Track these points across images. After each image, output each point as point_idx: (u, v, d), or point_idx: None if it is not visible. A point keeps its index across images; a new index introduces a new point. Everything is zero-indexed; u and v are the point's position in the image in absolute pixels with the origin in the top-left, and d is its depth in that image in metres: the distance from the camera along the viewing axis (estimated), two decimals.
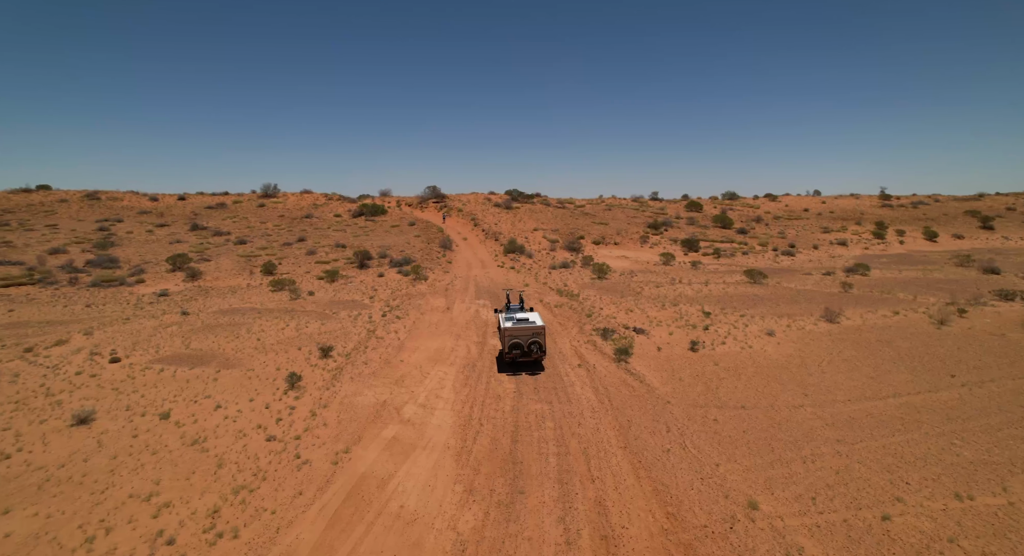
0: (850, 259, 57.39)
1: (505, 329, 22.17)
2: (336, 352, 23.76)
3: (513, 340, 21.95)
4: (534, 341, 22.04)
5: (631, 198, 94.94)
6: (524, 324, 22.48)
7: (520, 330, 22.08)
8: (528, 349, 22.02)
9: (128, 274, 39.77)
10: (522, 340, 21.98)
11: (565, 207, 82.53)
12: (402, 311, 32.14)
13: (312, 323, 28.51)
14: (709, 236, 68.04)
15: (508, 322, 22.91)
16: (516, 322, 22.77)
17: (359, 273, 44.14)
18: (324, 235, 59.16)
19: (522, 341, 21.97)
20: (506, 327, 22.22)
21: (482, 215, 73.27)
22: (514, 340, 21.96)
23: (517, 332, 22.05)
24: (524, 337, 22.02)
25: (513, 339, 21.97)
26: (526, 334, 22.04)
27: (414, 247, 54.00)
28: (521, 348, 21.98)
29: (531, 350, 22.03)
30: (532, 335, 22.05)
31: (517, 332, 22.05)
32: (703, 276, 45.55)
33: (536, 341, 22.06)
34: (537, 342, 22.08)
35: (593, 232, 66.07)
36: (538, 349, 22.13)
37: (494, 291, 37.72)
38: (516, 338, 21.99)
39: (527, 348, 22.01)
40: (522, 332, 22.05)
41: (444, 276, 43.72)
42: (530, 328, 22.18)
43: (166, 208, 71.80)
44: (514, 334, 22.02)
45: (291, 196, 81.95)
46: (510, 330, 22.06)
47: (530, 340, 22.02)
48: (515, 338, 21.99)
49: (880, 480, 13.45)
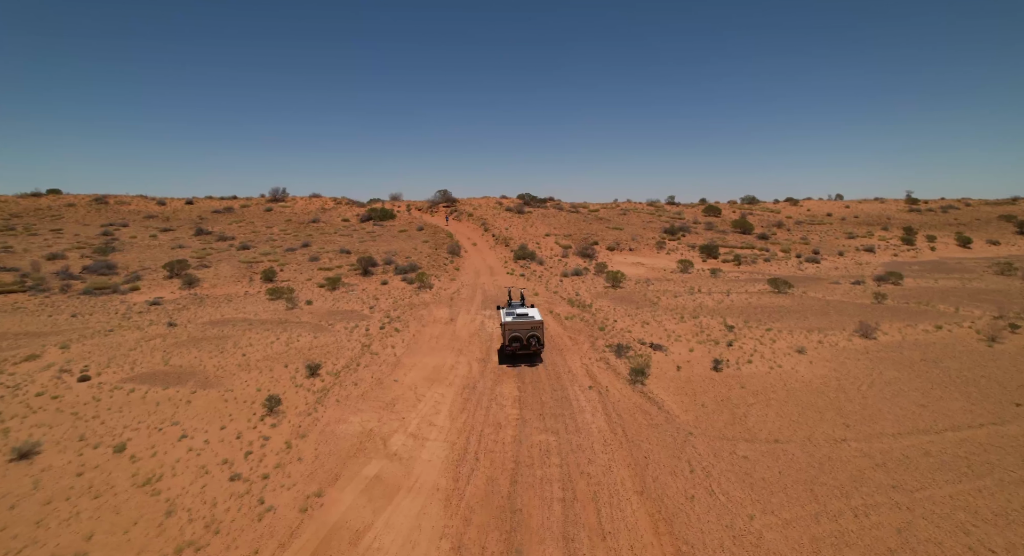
0: (879, 266, 54.38)
1: (505, 323, 23.47)
2: (325, 370, 21.86)
3: (513, 334, 23.25)
4: (532, 335, 23.34)
5: (647, 202, 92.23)
6: (523, 319, 23.67)
7: (519, 324, 23.35)
8: (527, 342, 23.34)
9: (123, 281, 38.43)
10: (521, 334, 23.28)
11: (578, 211, 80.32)
12: (402, 323, 30.22)
13: (304, 336, 26.69)
14: (728, 242, 65.32)
15: (508, 317, 24.16)
16: (516, 317, 24.02)
17: (362, 280, 42.39)
18: (330, 240, 57.64)
19: (521, 335, 23.28)
20: (506, 321, 23.55)
21: (493, 220, 71.36)
22: (514, 334, 23.26)
23: (517, 326, 23.33)
24: (523, 331, 23.31)
25: (513, 333, 23.26)
26: (525, 328, 23.34)
27: (421, 253, 52.18)
28: (520, 341, 23.30)
29: (530, 343, 23.37)
30: (531, 329, 23.37)
31: (517, 326, 23.33)
32: (724, 285, 43.04)
33: (534, 335, 23.37)
34: (535, 335, 23.38)
35: (607, 238, 63.76)
36: (536, 342, 23.40)
37: (502, 300, 35.67)
38: (516, 332, 23.28)
39: (526, 341, 23.32)
40: (521, 326, 23.33)
41: (450, 284, 41.79)
42: (529, 323, 23.42)
43: (172, 212, 70.97)
44: (514, 328, 23.31)
45: (300, 200, 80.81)
46: (510, 324, 23.36)
47: (529, 334, 23.32)
48: (515, 332, 23.28)
49: (956, 545, 11.08)
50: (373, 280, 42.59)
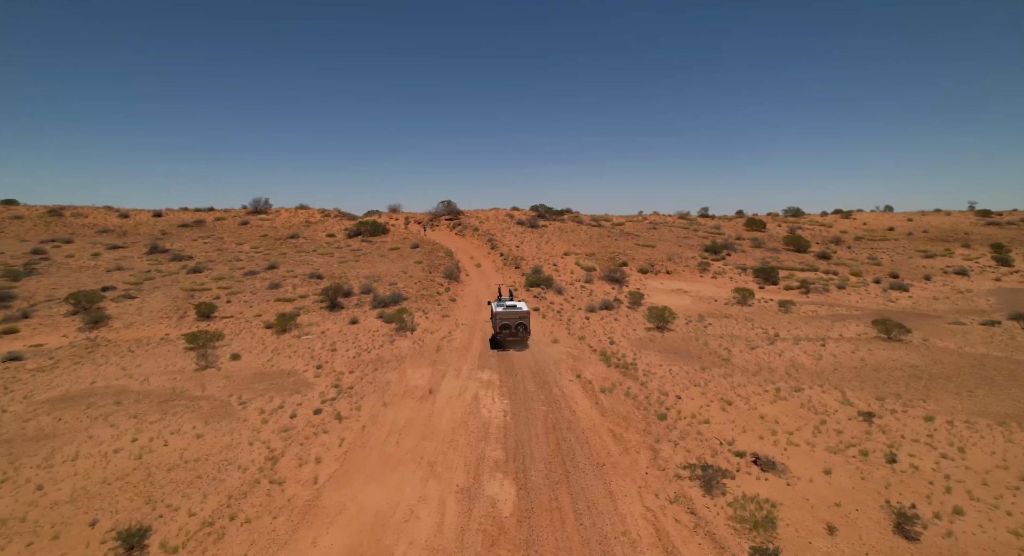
0: (987, 295, 43.01)
1: (497, 313, 25.94)
2: (159, 538, 11.58)
3: (503, 323, 25.65)
4: (520, 323, 25.68)
5: (677, 215, 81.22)
6: (512, 309, 26.20)
7: (509, 315, 25.76)
8: (516, 330, 25.66)
9: (1, 320, 28.79)
10: (511, 322, 25.62)
11: (601, 225, 69.77)
12: (355, 399, 19.97)
13: (184, 433, 16.54)
14: (784, 262, 54.33)
15: (499, 308, 26.67)
16: (506, 308, 26.52)
17: (327, 317, 32.30)
18: (304, 261, 47.83)
19: (511, 323, 25.61)
20: (498, 312, 26.01)
21: (501, 235, 61.25)
22: (504, 323, 25.65)
23: (507, 316, 25.72)
24: (512, 320, 25.67)
25: (503, 322, 25.66)
26: (514, 317, 25.72)
27: (411, 278, 42.05)
28: (510, 329, 25.63)
29: (518, 331, 25.70)
30: (519, 318, 25.73)
31: (507, 316, 25.72)
32: (806, 325, 32.14)
33: (522, 323, 25.73)
34: (523, 324, 25.75)
35: (638, 257, 53.18)
36: (523, 330, 25.82)
37: (511, 357, 25.34)
38: (506, 320, 25.66)
39: (515, 329, 25.63)
40: (511, 316, 25.72)
41: (441, 323, 31.47)
42: (517, 313, 25.85)
43: (134, 226, 61.75)
44: (504, 318, 25.71)
45: (284, 212, 71.29)
46: (501, 314, 25.79)
47: (517, 322, 25.64)
48: (505, 320, 25.67)
49: None
50: (341, 316, 32.46)
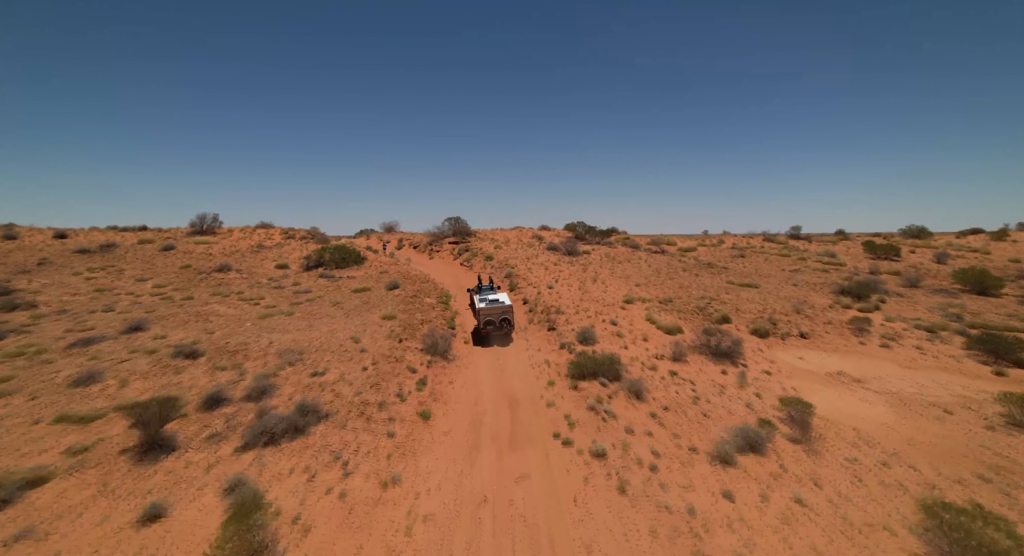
0: None
1: (480, 309, 26.34)
2: None
3: (487, 318, 26.02)
4: (504, 317, 26.20)
5: (761, 236, 60.86)
6: (495, 304, 26.67)
7: (492, 310, 26.17)
8: (500, 324, 26.12)
9: None
10: (494, 318, 26.10)
11: (664, 251, 50.26)
12: None
13: None
14: (984, 316, 33.70)
15: (482, 303, 27.09)
16: (489, 303, 26.80)
17: (106, 489, 13.67)
18: (202, 313, 29.56)
19: (494, 318, 26.09)
20: (480, 307, 26.43)
21: (527, 267, 42.34)
22: (488, 318, 26.02)
23: (490, 312, 26.11)
24: (496, 315, 26.15)
25: (487, 317, 26.03)
26: (497, 313, 26.19)
27: (364, 353, 23.20)
28: (493, 324, 26.06)
29: (502, 325, 26.16)
30: (502, 313, 26.22)
31: (490, 312, 26.11)
32: None
33: (506, 317, 26.22)
34: (507, 318, 26.23)
35: (743, 306, 33.38)
36: (507, 324, 26.27)
37: None
38: (489, 316, 26.04)
39: (499, 324, 26.10)
40: (494, 312, 26.17)
41: (368, 512, 12.43)
42: (500, 307, 26.30)
43: (17, 249, 44.65)
44: (488, 313, 26.07)
45: (235, 232, 54.03)
46: (484, 310, 26.16)
47: (501, 317, 26.15)
48: (488, 316, 26.03)
49: None
50: (147, 477, 13.73)
